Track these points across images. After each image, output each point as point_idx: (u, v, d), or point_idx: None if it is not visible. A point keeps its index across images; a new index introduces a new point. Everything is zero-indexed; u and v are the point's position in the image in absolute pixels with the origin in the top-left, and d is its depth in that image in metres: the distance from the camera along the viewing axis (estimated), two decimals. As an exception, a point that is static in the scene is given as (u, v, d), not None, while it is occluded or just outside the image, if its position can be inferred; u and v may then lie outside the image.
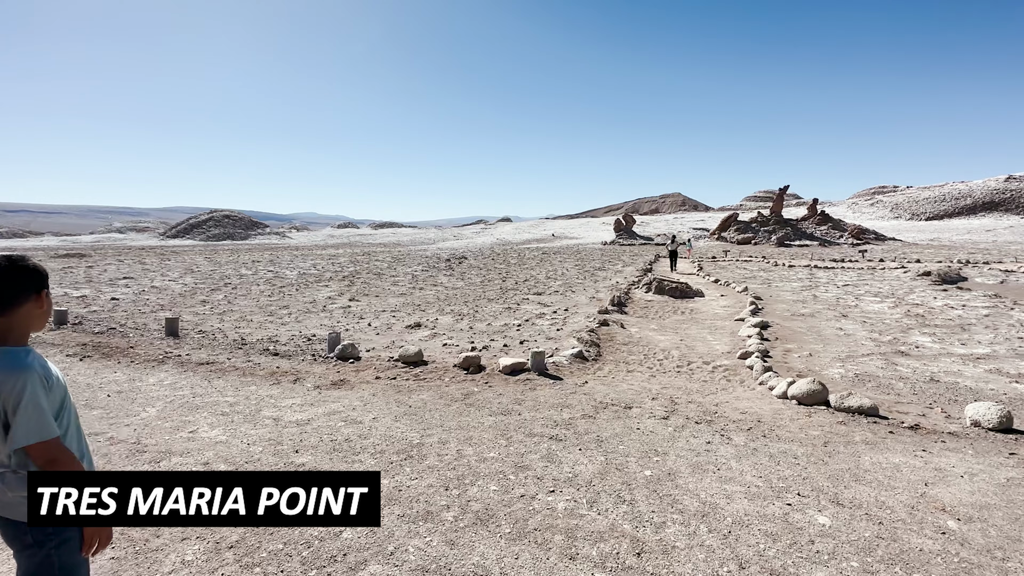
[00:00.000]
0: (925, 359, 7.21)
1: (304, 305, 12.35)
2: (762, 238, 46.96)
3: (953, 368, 6.68)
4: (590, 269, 22.58)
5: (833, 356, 7.31)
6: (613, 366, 6.77)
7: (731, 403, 5.13)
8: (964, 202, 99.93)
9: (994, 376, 6.31)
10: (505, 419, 4.49)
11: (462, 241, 63.33)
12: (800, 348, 7.84)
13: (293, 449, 3.84)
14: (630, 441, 4.04)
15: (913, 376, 6.23)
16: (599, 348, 7.61)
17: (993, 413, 4.22)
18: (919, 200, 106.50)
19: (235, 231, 79.62)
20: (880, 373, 6.37)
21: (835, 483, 3.35)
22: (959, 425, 4.39)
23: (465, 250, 41.21)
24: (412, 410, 4.72)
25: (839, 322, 10.09)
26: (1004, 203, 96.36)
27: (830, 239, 47.07)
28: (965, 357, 7.29)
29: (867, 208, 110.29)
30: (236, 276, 19.31)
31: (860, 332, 9.06)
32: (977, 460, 3.71)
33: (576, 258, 30.78)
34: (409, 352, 6.43)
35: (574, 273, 20.64)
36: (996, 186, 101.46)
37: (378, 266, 24.61)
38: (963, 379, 6.14)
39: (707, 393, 5.58)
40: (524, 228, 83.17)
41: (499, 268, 23.53)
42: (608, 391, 5.45)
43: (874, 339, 8.50)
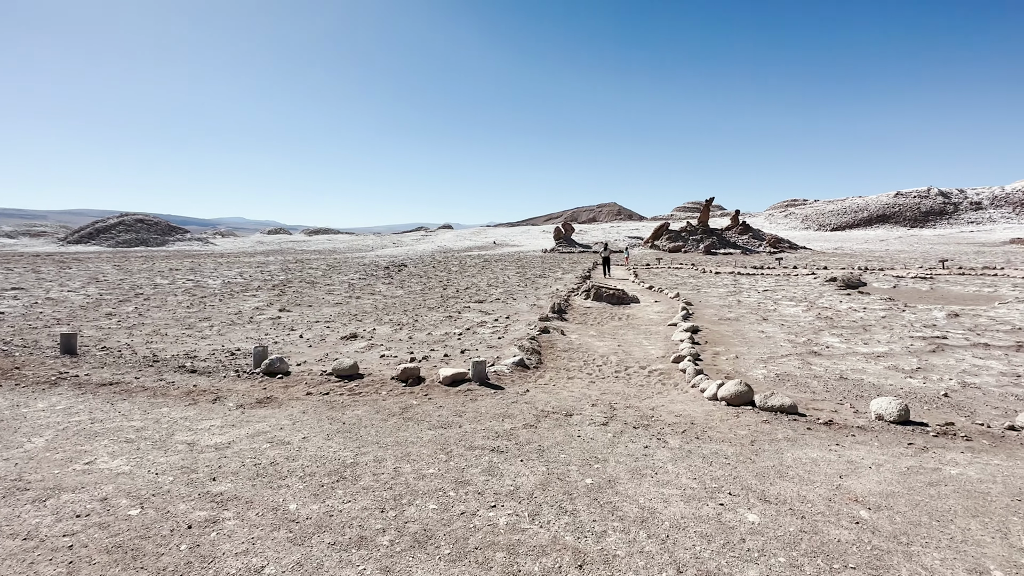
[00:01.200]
0: (835, 358, 7.85)
1: (228, 317, 11.51)
2: (691, 246, 49.70)
3: (858, 366, 7.33)
4: (531, 276, 22.82)
5: (756, 358, 7.79)
6: (554, 373, 6.81)
7: (666, 406, 5.30)
8: (861, 215, 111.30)
9: (892, 372, 6.98)
10: (445, 432, 4.36)
11: (402, 248, 62.04)
12: (727, 351, 8.29)
13: (210, 477, 3.49)
14: (571, 449, 4.04)
15: (825, 375, 6.75)
16: (540, 356, 7.64)
17: (893, 407, 4.63)
18: (825, 212, 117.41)
19: (150, 236, 73.24)
20: (797, 372, 6.86)
21: (762, 480, 3.52)
22: (866, 419, 4.79)
23: (405, 257, 40.39)
24: (346, 427, 4.47)
25: (760, 325, 10.80)
26: (894, 216, 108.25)
27: (751, 248, 50.62)
28: (868, 356, 8.01)
29: (782, 219, 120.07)
30: (150, 286, 17.71)
31: (779, 334, 9.74)
32: (882, 451, 4.05)
33: (517, 265, 31.04)
34: (343, 365, 6.12)
35: (515, 280, 20.77)
36: (887, 201, 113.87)
37: (312, 274, 23.51)
38: (867, 376, 6.74)
39: (644, 397, 5.74)
40: (465, 235, 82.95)
41: (440, 276, 23.22)
42: (549, 399, 5.46)
43: (791, 340, 9.17)
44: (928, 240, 76.10)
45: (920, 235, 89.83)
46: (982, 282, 21.56)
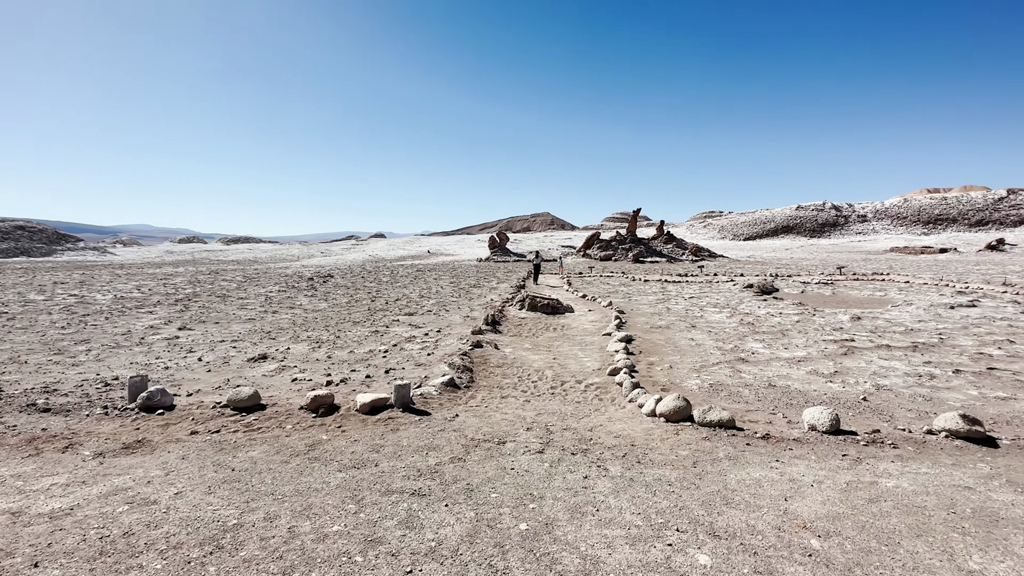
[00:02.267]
0: (760, 364, 8.02)
1: (113, 338, 9.97)
2: (621, 255, 51.44)
3: (783, 372, 7.50)
4: (465, 286, 22.27)
5: (689, 367, 7.78)
6: (486, 393, 6.34)
7: (605, 426, 4.99)
8: (769, 226, 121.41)
9: (813, 377, 7.18)
10: (358, 474, 3.74)
11: (330, 258, 59.06)
12: (661, 360, 8.24)
13: (31, 562, 2.65)
14: (504, 486, 3.58)
15: (755, 383, 6.81)
16: (472, 373, 7.14)
17: (825, 418, 4.62)
18: (738, 223, 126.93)
19: (33, 246, 64.47)
20: (729, 381, 6.86)
21: (709, 510, 3.25)
22: (800, 430, 4.74)
23: (332, 267, 38.32)
24: (236, 475, 3.71)
25: (690, 333, 10.99)
26: (796, 227, 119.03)
27: (675, 256, 53.26)
28: (789, 360, 8.27)
29: (701, 229, 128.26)
30: (18, 303, 15.22)
31: (708, 342, 9.91)
32: (820, 466, 3.96)
33: (452, 275, 30.35)
34: (242, 395, 5.27)
35: (449, 291, 20.13)
36: (790, 213, 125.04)
37: (225, 287, 21.47)
38: (792, 382, 6.88)
39: (581, 416, 5.41)
40: (399, 244, 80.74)
41: (369, 287, 22.06)
42: (480, 424, 4.97)
43: (719, 347, 9.33)
44: (825, 249, 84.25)
45: (818, 244, 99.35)
46: (874, 287, 23.83)
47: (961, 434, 4.43)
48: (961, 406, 5.87)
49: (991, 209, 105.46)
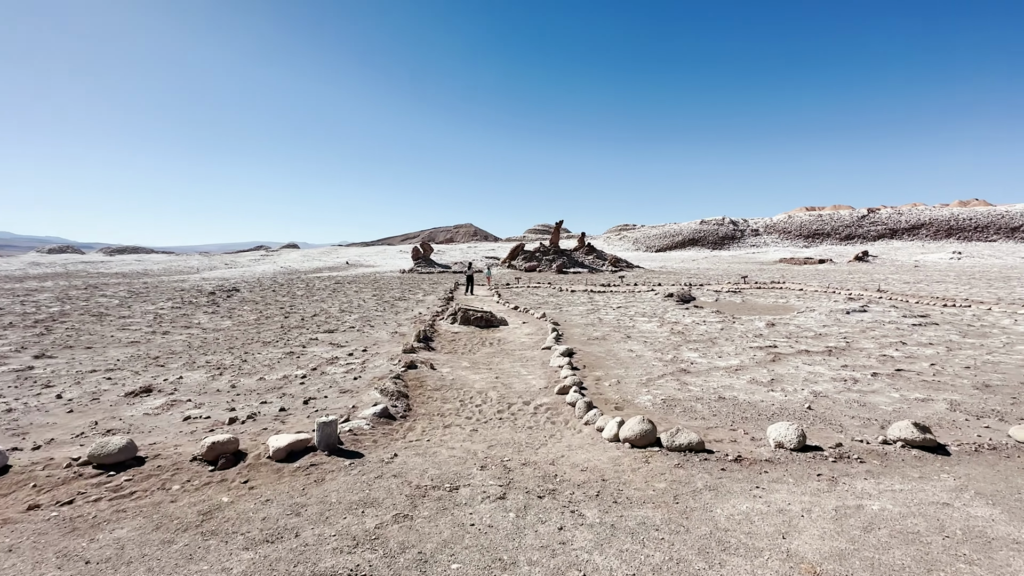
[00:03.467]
0: (702, 375, 7.98)
1: (-66, 373, 7.85)
2: (545, 266, 52.19)
3: (725, 382, 7.48)
4: (390, 299, 21.02)
5: (636, 381, 7.53)
6: (427, 422, 5.57)
7: (567, 457, 4.46)
8: (677, 238, 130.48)
9: (755, 387, 7.21)
10: (273, 551, 2.86)
11: (236, 270, 53.98)
12: (607, 375, 7.94)
13: None
14: (466, 552, 2.89)
15: (704, 395, 6.67)
16: (408, 399, 6.32)
17: (792, 434, 4.44)
18: (650, 236, 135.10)
19: None
20: (680, 396, 6.67)
21: (709, 561, 2.80)
22: (767, 449, 4.53)
23: (239, 280, 34.87)
24: (90, 570, 2.68)
25: (627, 343, 10.91)
26: (700, 240, 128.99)
27: (596, 267, 55.05)
28: (727, 370, 8.33)
29: (617, 241, 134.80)
30: None
31: (647, 352, 9.83)
32: (801, 490, 3.71)
33: (374, 287, 28.72)
34: (110, 447, 4.07)
35: (372, 304, 18.82)
36: (695, 227, 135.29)
37: (103, 303, 18.46)
38: (737, 393, 6.83)
39: (538, 446, 4.84)
40: (314, 255, 76.00)
41: (281, 301, 20.08)
42: (426, 465, 4.22)
43: (659, 358, 9.26)
44: (726, 260, 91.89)
45: (720, 255, 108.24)
46: (776, 294, 25.91)
47: (916, 443, 4.44)
48: (893, 411, 6.08)
49: (856, 225, 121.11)
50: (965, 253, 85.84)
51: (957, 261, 73.81)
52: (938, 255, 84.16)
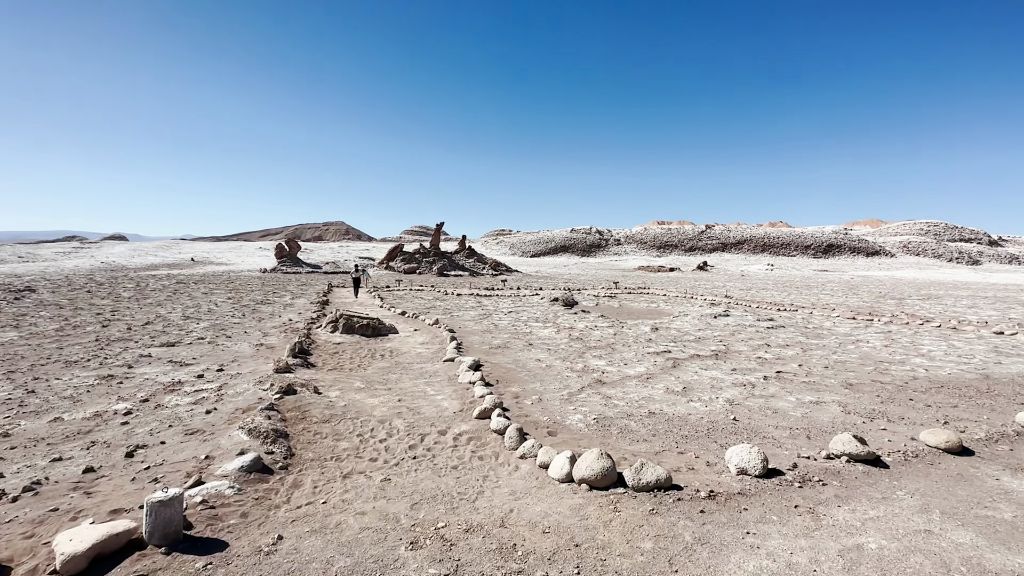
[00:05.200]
0: (617, 385, 7.64)
1: None
2: (425, 268, 50.50)
3: (643, 393, 7.19)
4: (251, 304, 17.96)
5: (558, 396, 6.88)
6: (319, 472, 4.20)
7: (518, 511, 3.53)
8: (550, 245, 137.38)
9: (673, 397, 7.02)
10: None
11: (35, 264, 42.72)
12: (524, 391, 7.17)
13: None
14: None
15: (633, 411, 6.24)
16: (289, 440, 4.82)
17: (755, 459, 4.08)
18: (526, 242, 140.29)
19: None
20: (609, 412, 6.15)
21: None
22: (730, 476, 4.11)
23: (37, 278, 27.46)
24: None
25: (531, 352, 10.32)
26: (571, 247, 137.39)
27: (477, 270, 54.88)
28: (638, 379, 8.12)
29: (495, 245, 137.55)
30: None
31: (555, 362, 9.32)
32: (791, 531, 3.26)
33: (229, 289, 24.63)
34: None
35: (228, 309, 15.81)
36: (567, 235, 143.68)
37: None
38: (660, 405, 6.53)
39: (474, 496, 3.83)
40: (148, 250, 63.99)
41: (99, 305, 15.91)
42: (329, 550, 2.95)
43: (569, 368, 8.79)
44: (594, 266, 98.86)
45: (588, 262, 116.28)
46: (646, 299, 27.93)
47: (860, 457, 4.39)
48: (801, 416, 6.25)
49: (697, 239, 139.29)
50: (776, 265, 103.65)
51: (771, 272, 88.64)
52: (757, 266, 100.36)
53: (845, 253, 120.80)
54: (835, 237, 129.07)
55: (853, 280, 57.53)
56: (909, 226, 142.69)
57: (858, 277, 66.42)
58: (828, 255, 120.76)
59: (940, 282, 57.04)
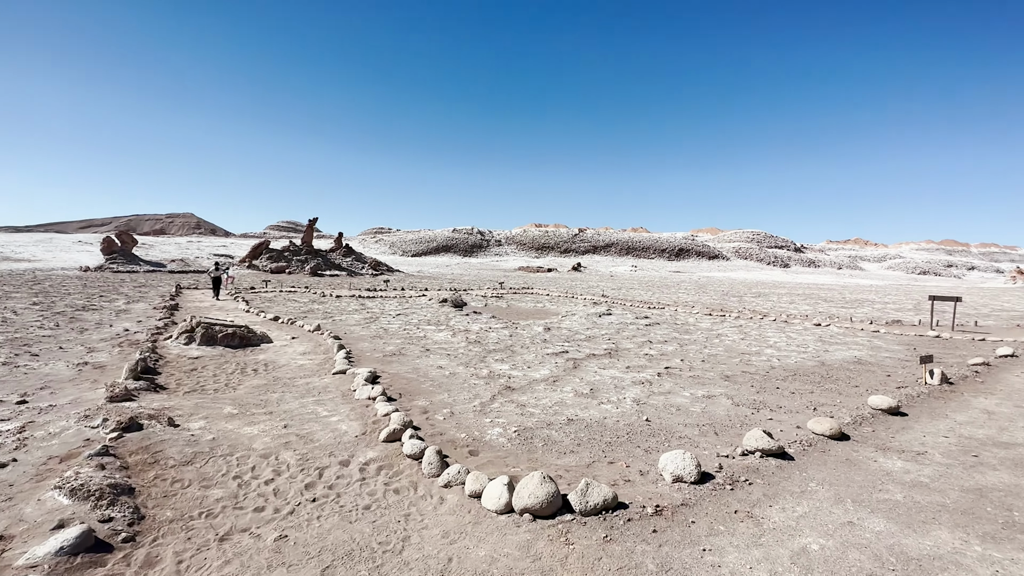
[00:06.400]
0: (527, 391, 7.40)
1: None
2: (296, 267, 46.13)
3: (555, 398, 7.03)
4: (67, 310, 14.41)
5: (470, 408, 6.38)
6: (184, 540, 3.18)
7: (459, 560, 2.98)
8: (432, 244, 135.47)
9: (584, 400, 6.96)
10: None
11: None
12: (432, 404, 6.54)
13: None
14: None
15: (551, 419, 6.00)
16: (136, 498, 3.63)
17: (689, 465, 4.03)
18: (407, 241, 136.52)
19: None
20: (527, 422, 5.82)
21: None
22: (667, 485, 4.01)
23: None
24: None
25: (429, 358, 9.68)
26: (453, 247, 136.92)
27: (355, 270, 51.67)
28: (545, 382, 7.99)
29: (373, 244, 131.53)
30: None
31: (458, 368, 8.81)
32: (741, 541, 3.20)
33: (35, 292, 19.63)
34: None
35: (33, 318, 12.44)
36: (449, 235, 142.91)
37: None
38: (575, 410, 6.40)
39: (399, 546, 3.18)
40: (-101, 240, 48.84)
41: None
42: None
43: (474, 374, 8.35)
44: (476, 266, 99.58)
45: (470, 262, 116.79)
46: (532, 299, 28.63)
47: (771, 452, 4.62)
48: (701, 412, 6.57)
49: (571, 241, 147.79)
50: (639, 267, 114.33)
51: (635, 272, 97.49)
52: (623, 268, 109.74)
53: (693, 257, 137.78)
54: (685, 242, 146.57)
55: (701, 280, 65.75)
56: (739, 234, 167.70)
57: (704, 278, 76.15)
58: (680, 258, 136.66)
59: (764, 282, 67.86)
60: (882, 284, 69.75)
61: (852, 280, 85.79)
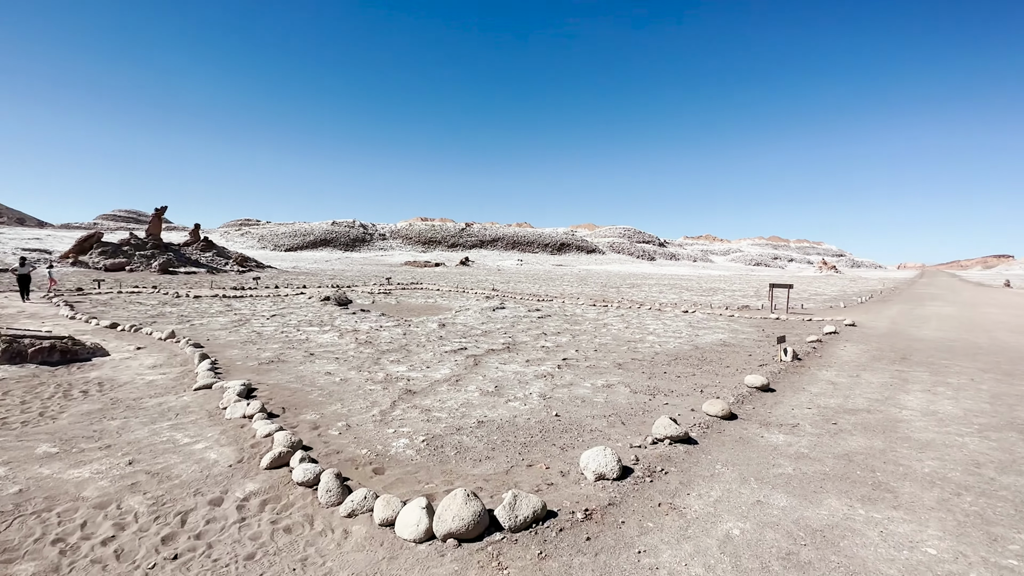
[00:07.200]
0: (429, 394, 6.94)
1: None
2: (140, 263, 39.42)
3: (460, 398, 6.68)
4: None
5: (368, 418, 5.74)
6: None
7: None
8: (309, 238, 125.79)
9: (491, 399, 6.69)
10: None
11: None
12: (322, 416, 5.77)
13: None
14: None
15: (461, 423, 5.63)
16: None
17: (611, 461, 3.96)
18: (279, 234, 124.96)
19: None
20: (435, 429, 5.38)
21: None
22: (591, 485, 3.89)
23: None
24: None
25: (315, 364, 8.70)
26: (332, 241, 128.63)
27: (218, 266, 45.81)
28: (447, 382, 7.60)
29: (239, 238, 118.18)
30: None
31: (349, 373, 8.01)
32: (669, 535, 3.16)
33: None
34: None
35: None
36: (327, 228, 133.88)
37: None
38: (482, 410, 6.12)
39: (300, 600, 2.60)
40: None
41: None
42: None
43: (369, 379, 7.66)
44: (359, 261, 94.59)
45: (352, 257, 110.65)
46: (421, 294, 27.79)
47: (679, 438, 4.78)
48: (604, 402, 6.71)
49: (459, 235, 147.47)
50: (525, 261, 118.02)
51: (521, 267, 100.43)
52: (510, 262, 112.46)
53: (573, 251, 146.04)
54: (566, 237, 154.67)
55: (582, 273, 69.88)
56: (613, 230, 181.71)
57: (584, 271, 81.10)
58: (562, 252, 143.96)
59: (636, 273, 74.33)
60: (728, 274, 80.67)
61: (705, 271, 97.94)
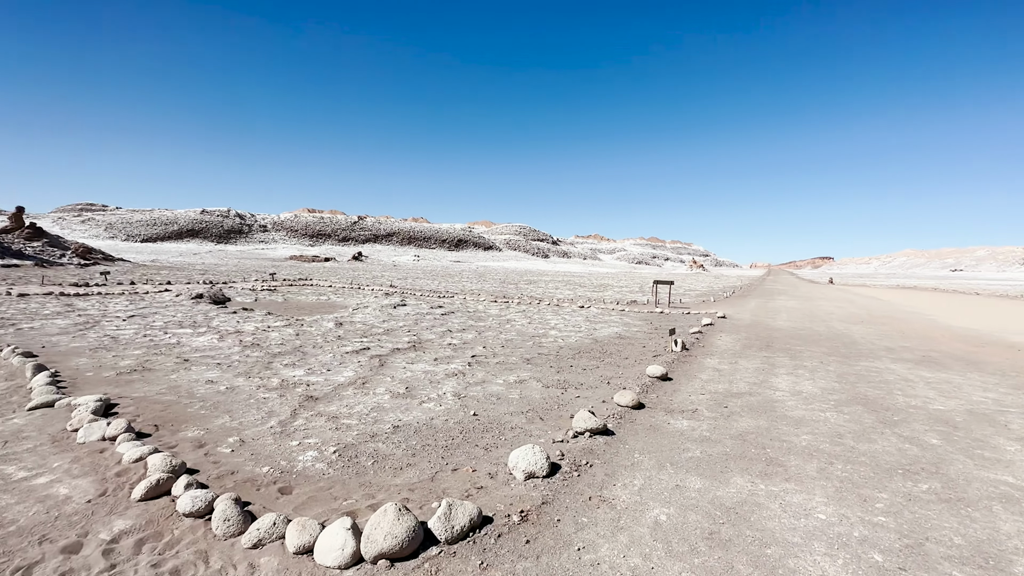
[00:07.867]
0: (334, 399, 6.41)
1: None
2: (-66, 254, 31.58)
3: (371, 403, 6.25)
4: None
5: (266, 431, 5.10)
6: None
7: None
8: (172, 227, 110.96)
9: (403, 401, 6.36)
10: None
11: None
12: (208, 432, 5.00)
13: None
14: None
15: (374, 429, 5.23)
16: None
17: (540, 459, 3.92)
18: (133, 222, 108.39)
19: None
20: (345, 437, 4.94)
21: None
22: (521, 484, 3.81)
23: None
24: None
25: (191, 371, 7.60)
26: (202, 231, 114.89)
27: (52, 259, 38.41)
28: (353, 385, 7.10)
29: (79, 225, 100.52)
30: None
31: (238, 380, 7.10)
32: (607, 529, 3.20)
33: None
34: None
35: None
36: (195, 216, 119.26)
37: None
38: (399, 414, 5.78)
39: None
40: None
41: None
42: None
43: (263, 386, 6.86)
44: (235, 255, 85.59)
45: (227, 250, 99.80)
46: (312, 291, 25.86)
47: (598, 430, 4.91)
48: (519, 398, 6.73)
49: (351, 229, 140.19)
50: (421, 256, 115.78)
51: (419, 263, 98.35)
52: (406, 257, 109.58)
53: (471, 247, 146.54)
54: (464, 234, 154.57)
55: (480, 269, 70.36)
56: (509, 227, 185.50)
57: (482, 267, 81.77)
58: (459, 248, 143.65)
59: (532, 270, 76.74)
60: (615, 272, 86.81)
61: (595, 269, 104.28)
